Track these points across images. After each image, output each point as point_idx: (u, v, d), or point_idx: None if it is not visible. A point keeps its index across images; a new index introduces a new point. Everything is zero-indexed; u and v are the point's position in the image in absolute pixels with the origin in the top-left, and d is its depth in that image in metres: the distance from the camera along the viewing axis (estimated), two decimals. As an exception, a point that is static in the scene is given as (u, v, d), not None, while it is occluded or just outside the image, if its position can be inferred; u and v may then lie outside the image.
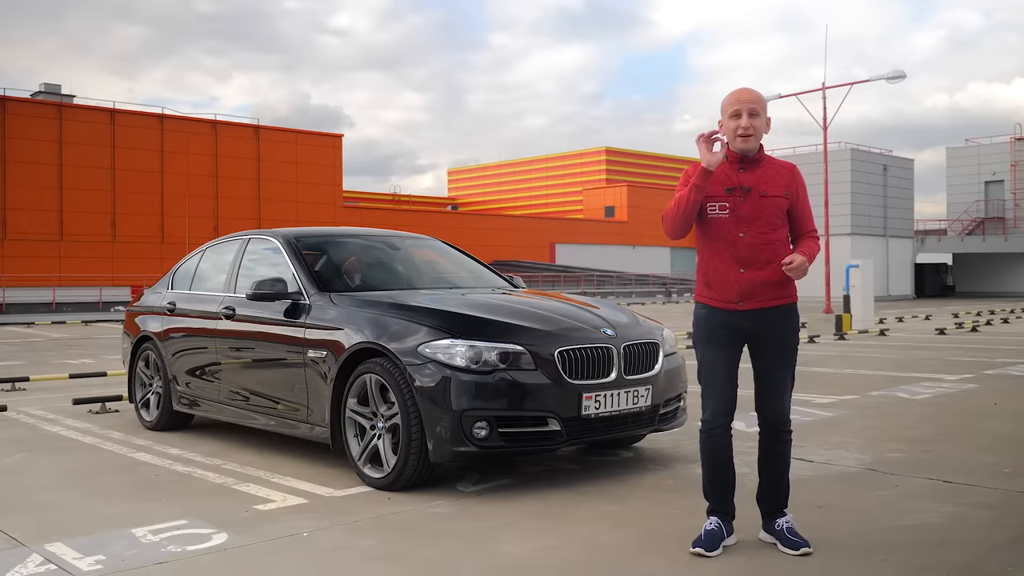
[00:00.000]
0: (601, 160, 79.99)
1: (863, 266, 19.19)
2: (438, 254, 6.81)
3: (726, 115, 3.61)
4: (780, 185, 3.62)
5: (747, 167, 3.61)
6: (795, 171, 3.71)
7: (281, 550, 3.73)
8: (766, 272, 3.56)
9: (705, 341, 3.67)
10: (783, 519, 3.66)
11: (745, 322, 3.59)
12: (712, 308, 3.64)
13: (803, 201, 3.71)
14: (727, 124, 3.60)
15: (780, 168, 3.68)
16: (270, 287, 5.49)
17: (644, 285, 56.72)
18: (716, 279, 3.62)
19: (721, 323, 3.62)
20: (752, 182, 3.58)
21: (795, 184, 3.67)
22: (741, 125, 3.56)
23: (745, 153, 3.60)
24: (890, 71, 26.10)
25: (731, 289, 3.58)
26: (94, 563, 3.55)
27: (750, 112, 3.56)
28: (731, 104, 3.60)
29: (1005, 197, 51.30)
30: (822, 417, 6.97)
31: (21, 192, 40.96)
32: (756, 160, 3.63)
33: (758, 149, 3.64)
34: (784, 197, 3.62)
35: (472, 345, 4.58)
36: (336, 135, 53.63)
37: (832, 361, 11.75)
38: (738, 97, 3.59)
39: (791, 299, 3.67)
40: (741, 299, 3.57)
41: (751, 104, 3.57)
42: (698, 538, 3.62)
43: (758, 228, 3.55)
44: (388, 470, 4.67)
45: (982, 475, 4.90)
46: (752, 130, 3.56)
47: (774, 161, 3.69)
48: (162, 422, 6.71)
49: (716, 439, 3.66)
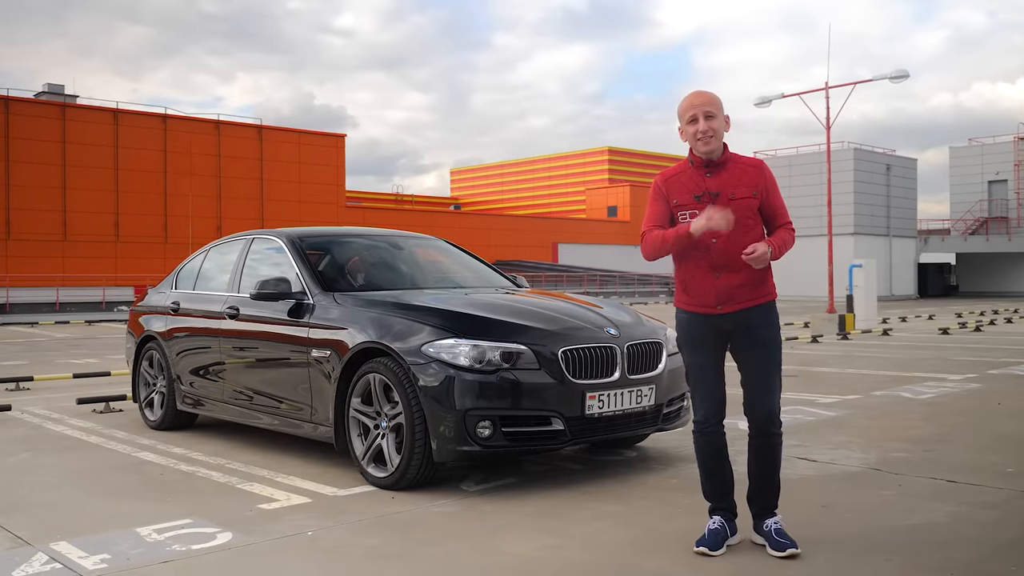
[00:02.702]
0: (604, 160, 79.99)
1: (866, 266, 19.18)
2: (441, 254, 6.81)
3: (683, 121, 3.61)
4: (748, 185, 3.60)
5: (713, 171, 3.60)
6: (762, 167, 3.68)
7: (285, 549, 3.73)
8: (742, 275, 3.57)
9: (689, 345, 3.70)
10: (772, 520, 3.64)
11: (726, 324, 3.61)
12: (692, 313, 3.66)
13: (774, 196, 3.68)
14: (686, 130, 3.61)
15: (747, 167, 3.65)
16: (274, 287, 5.49)
17: (647, 285, 56.68)
18: (693, 285, 3.63)
19: (702, 327, 3.64)
20: (719, 186, 3.58)
21: (764, 181, 3.64)
22: (699, 129, 3.55)
23: (709, 156, 3.59)
24: (893, 71, 26.06)
25: (708, 294, 3.60)
26: (99, 562, 3.56)
27: (706, 115, 3.55)
28: (686, 110, 3.60)
29: (1009, 197, 51.25)
30: (825, 417, 6.97)
31: (25, 192, 41.03)
32: (721, 163, 3.61)
33: (722, 150, 3.62)
34: (753, 197, 3.60)
35: (476, 344, 4.59)
36: (339, 135, 53.65)
37: (835, 361, 11.75)
38: (692, 102, 3.60)
39: (769, 297, 3.67)
40: (719, 303, 3.59)
41: (705, 107, 3.57)
42: (701, 537, 3.62)
43: (730, 233, 3.52)
44: (392, 469, 4.68)
45: (985, 475, 4.89)
46: (711, 132, 3.55)
47: (740, 160, 3.67)
48: (166, 421, 6.72)
49: (710, 437, 3.68)
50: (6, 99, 41.12)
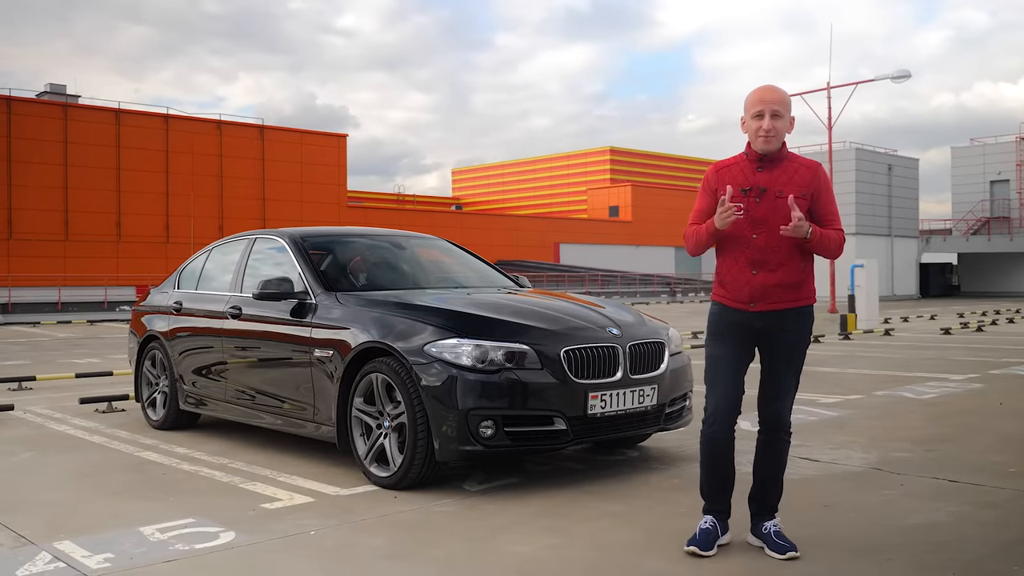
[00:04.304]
0: (605, 160, 79.94)
1: (868, 266, 19.18)
2: (444, 254, 6.82)
3: (749, 114, 3.55)
4: (798, 185, 3.52)
5: (765, 167, 3.54)
6: (818, 169, 3.60)
7: (288, 548, 3.74)
8: (779, 274, 3.50)
9: (715, 337, 3.65)
10: (771, 522, 3.62)
11: (757, 323, 3.55)
12: (724, 306, 3.62)
13: (826, 201, 3.58)
14: (749, 123, 3.55)
15: (801, 167, 3.57)
16: (276, 286, 5.50)
17: (648, 285, 56.66)
18: (729, 279, 3.58)
19: (732, 321, 3.59)
20: (768, 182, 3.52)
21: (816, 183, 3.56)
22: (763, 127, 3.49)
23: (766, 153, 3.54)
24: (895, 70, 26.01)
25: (742, 290, 3.54)
26: (102, 561, 3.57)
27: (773, 114, 3.50)
28: (754, 104, 3.53)
29: (1010, 196, 51.17)
30: (827, 417, 6.97)
31: (27, 192, 41.03)
32: (776, 160, 3.55)
33: (780, 148, 3.56)
34: (802, 197, 3.51)
35: (478, 344, 4.59)
36: (341, 135, 53.63)
37: (837, 361, 11.74)
38: (761, 97, 3.53)
39: (806, 301, 3.59)
40: (752, 300, 3.53)
41: (774, 106, 3.50)
42: (692, 537, 3.60)
43: (772, 229, 3.48)
44: (394, 469, 4.68)
45: (987, 475, 4.89)
46: (775, 132, 3.49)
47: (796, 159, 3.60)
48: (169, 421, 6.73)
49: (717, 435, 3.62)
50: (8, 99, 41.13)
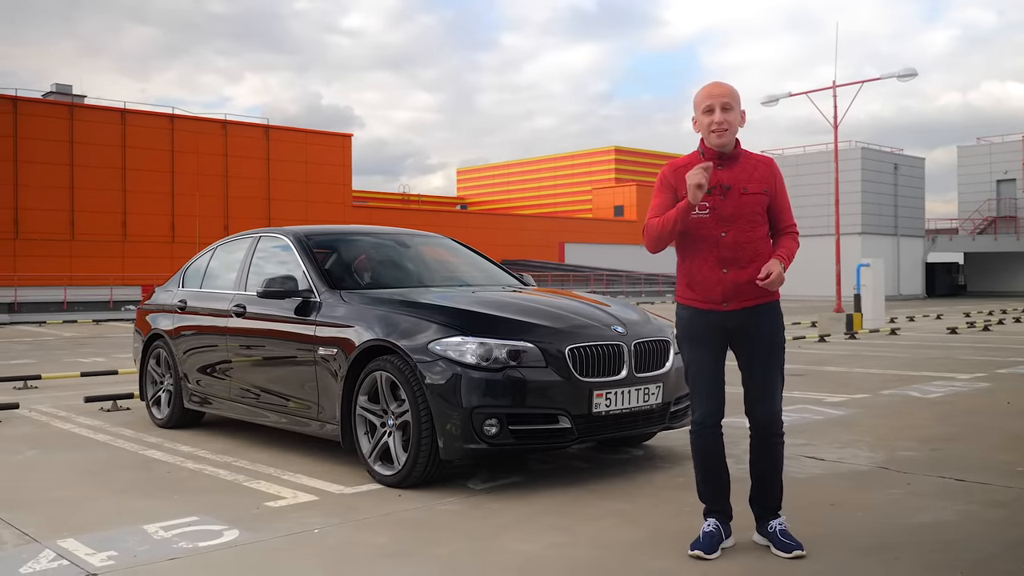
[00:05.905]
0: (610, 160, 79.99)
1: (874, 265, 19.13)
2: (448, 252, 6.81)
3: (699, 111, 3.55)
4: (759, 181, 3.55)
5: (725, 164, 3.54)
6: (772, 165, 3.63)
7: (292, 547, 3.73)
8: (749, 271, 3.50)
9: (690, 342, 3.63)
10: (776, 521, 3.61)
11: (729, 322, 3.55)
12: (696, 310, 3.59)
13: (782, 196, 3.63)
14: (701, 119, 3.54)
15: (758, 163, 3.60)
16: (281, 285, 5.50)
17: (653, 284, 56.60)
18: (699, 280, 3.56)
19: (705, 324, 3.57)
20: (731, 179, 3.52)
21: (773, 179, 3.59)
22: (715, 120, 3.49)
23: (721, 149, 3.54)
24: (901, 69, 25.89)
25: (714, 290, 3.53)
26: (106, 559, 3.57)
27: (723, 107, 3.49)
28: (703, 99, 3.53)
29: (1017, 196, 51.03)
30: (833, 416, 6.94)
31: (33, 192, 41.16)
32: (733, 156, 3.56)
33: (734, 144, 3.57)
34: (764, 194, 3.54)
35: (482, 342, 4.58)
36: (346, 135, 53.71)
37: (843, 360, 11.71)
38: (710, 91, 3.53)
39: (774, 297, 3.61)
40: (725, 299, 3.52)
41: (723, 98, 3.50)
42: (696, 540, 3.58)
43: (739, 227, 3.49)
44: (398, 467, 4.68)
45: (994, 473, 4.87)
46: (727, 125, 3.49)
47: (751, 156, 3.62)
48: (173, 420, 6.73)
49: (706, 439, 3.61)
50: (14, 99, 41.26)
